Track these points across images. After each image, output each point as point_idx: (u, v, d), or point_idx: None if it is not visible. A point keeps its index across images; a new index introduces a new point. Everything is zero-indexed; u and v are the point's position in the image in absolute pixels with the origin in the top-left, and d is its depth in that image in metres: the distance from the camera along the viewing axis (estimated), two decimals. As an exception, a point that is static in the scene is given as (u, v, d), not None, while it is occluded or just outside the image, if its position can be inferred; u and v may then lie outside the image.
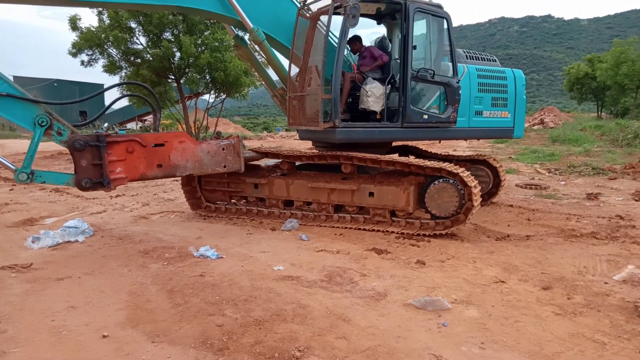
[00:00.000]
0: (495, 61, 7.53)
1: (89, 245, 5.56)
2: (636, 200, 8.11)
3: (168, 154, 5.57)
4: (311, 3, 6.51)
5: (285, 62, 6.97)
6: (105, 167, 5.09)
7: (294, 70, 6.80)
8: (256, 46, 6.79)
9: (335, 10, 5.94)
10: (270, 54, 6.84)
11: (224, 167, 6.00)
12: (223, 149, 5.98)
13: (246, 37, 7.11)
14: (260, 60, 7.75)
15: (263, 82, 8.04)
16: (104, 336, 3.24)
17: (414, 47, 6.26)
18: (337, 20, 5.99)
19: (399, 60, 6.43)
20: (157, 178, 5.70)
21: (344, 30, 5.89)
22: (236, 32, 7.37)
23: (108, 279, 4.39)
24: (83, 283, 4.29)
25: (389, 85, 6.44)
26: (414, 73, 6.24)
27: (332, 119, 5.94)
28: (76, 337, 3.25)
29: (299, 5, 6.68)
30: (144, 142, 5.41)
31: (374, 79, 6.40)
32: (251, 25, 6.36)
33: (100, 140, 5.07)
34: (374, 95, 6.29)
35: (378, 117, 6.37)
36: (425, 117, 6.43)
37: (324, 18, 6.21)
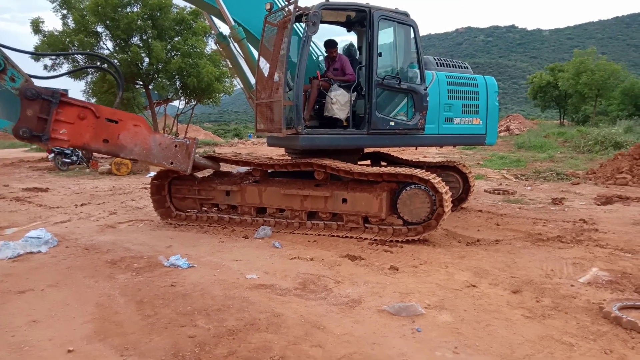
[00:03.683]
0: (467, 68, 7.63)
1: (53, 256, 5.34)
2: (598, 205, 8.42)
3: (118, 132, 5.48)
4: (277, 10, 6.49)
5: (264, 64, 6.93)
6: (50, 124, 5.01)
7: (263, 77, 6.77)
8: (236, 44, 6.74)
9: (297, 18, 5.95)
10: (248, 53, 6.80)
11: (171, 163, 5.88)
12: (175, 146, 5.89)
13: (228, 34, 7.11)
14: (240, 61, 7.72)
15: (241, 84, 7.98)
16: (69, 351, 3.11)
17: (379, 54, 6.29)
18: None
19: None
20: (99, 152, 5.64)
21: (304, 38, 5.90)
22: (219, 30, 7.34)
23: (73, 290, 4.23)
24: (46, 296, 4.11)
25: (355, 93, 6.45)
26: (379, 80, 6.27)
27: (295, 126, 5.93)
28: (39, 352, 3.10)
29: (279, 5, 6.64)
30: (98, 113, 5.34)
31: (340, 86, 6.40)
32: (232, 22, 6.32)
33: (54, 97, 5.00)
34: (338, 102, 6.30)
35: (345, 124, 6.39)
36: (392, 124, 6.46)
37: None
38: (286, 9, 6.24)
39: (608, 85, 36.49)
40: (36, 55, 6.15)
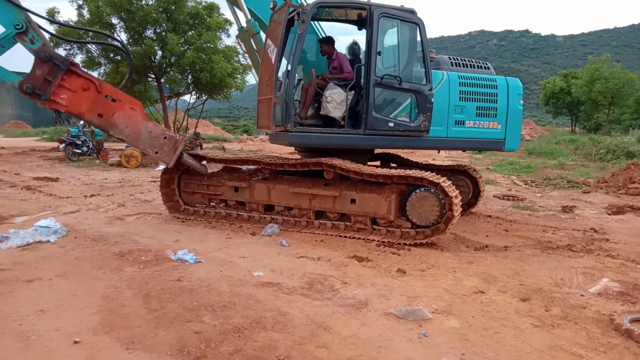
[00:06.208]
0: (489, 69, 7.25)
1: (62, 246, 5.37)
2: (609, 214, 8.31)
3: (114, 111, 5.82)
4: (279, 8, 6.44)
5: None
6: (53, 86, 5.43)
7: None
8: (250, 38, 6.81)
9: (290, 15, 5.94)
10: (261, 48, 6.82)
11: (156, 152, 6.18)
12: (165, 138, 6.18)
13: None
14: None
15: (258, 79, 8.03)
16: (76, 342, 3.11)
17: (379, 53, 6.11)
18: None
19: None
20: (91, 124, 6.08)
21: (295, 36, 5.86)
22: (241, 24, 7.45)
23: (81, 281, 4.24)
24: (54, 285, 4.13)
25: (352, 92, 6.32)
26: (377, 80, 6.07)
27: (284, 123, 5.92)
28: (45, 342, 3.11)
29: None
30: (100, 88, 5.72)
31: (336, 84, 6.30)
32: (247, 13, 6.37)
33: (64, 63, 5.43)
34: (334, 101, 6.19)
35: (342, 123, 6.28)
36: (391, 124, 6.25)
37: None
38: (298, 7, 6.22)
39: (622, 93, 36.08)
40: (54, 23, 6.88)
